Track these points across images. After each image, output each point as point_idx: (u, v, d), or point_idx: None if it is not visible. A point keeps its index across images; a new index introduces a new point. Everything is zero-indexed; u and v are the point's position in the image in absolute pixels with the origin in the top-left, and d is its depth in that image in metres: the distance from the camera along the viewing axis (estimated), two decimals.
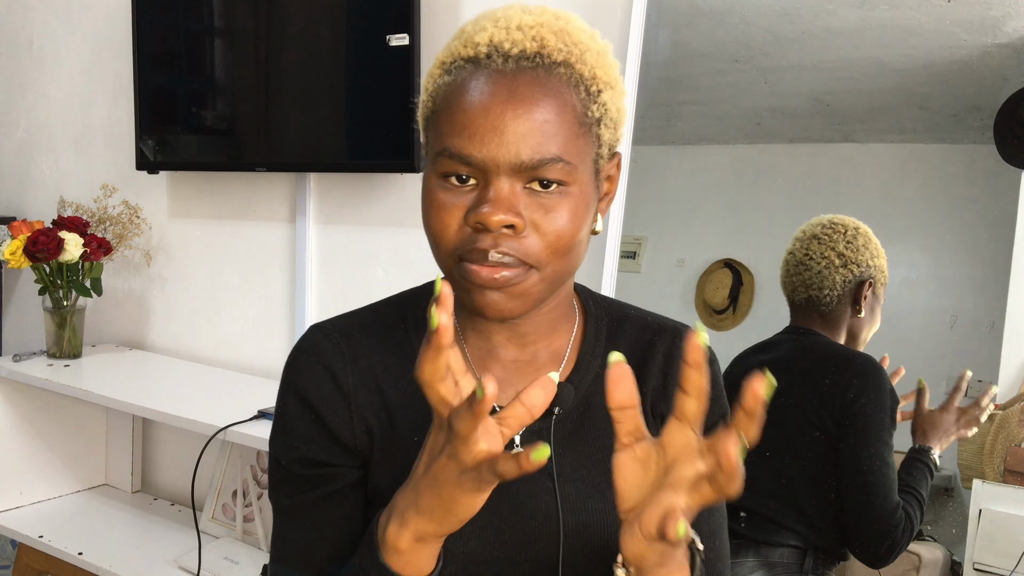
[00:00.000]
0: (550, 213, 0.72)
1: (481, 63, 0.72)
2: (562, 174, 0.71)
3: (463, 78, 0.73)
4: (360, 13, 1.82)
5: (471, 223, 0.71)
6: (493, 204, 0.70)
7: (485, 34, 0.73)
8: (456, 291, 0.74)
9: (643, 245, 1.82)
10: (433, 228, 0.74)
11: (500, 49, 0.72)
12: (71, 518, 2.17)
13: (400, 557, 0.68)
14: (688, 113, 1.83)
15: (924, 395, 1.45)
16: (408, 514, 0.67)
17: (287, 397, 0.83)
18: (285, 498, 0.83)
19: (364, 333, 0.84)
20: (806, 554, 1.44)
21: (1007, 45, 1.41)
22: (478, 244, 0.71)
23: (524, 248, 0.71)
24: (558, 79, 0.72)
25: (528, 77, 0.71)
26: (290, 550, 0.82)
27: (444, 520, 0.66)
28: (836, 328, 1.50)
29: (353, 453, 0.81)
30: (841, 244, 1.49)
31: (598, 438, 0.82)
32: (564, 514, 0.79)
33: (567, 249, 0.73)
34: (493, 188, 0.71)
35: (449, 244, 0.73)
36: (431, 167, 0.74)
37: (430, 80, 0.76)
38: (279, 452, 0.83)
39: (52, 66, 2.55)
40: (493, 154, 0.70)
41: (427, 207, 0.74)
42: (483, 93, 0.71)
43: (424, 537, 0.67)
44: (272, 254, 2.14)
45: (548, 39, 0.72)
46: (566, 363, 0.85)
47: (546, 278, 0.73)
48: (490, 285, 0.71)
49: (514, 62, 0.71)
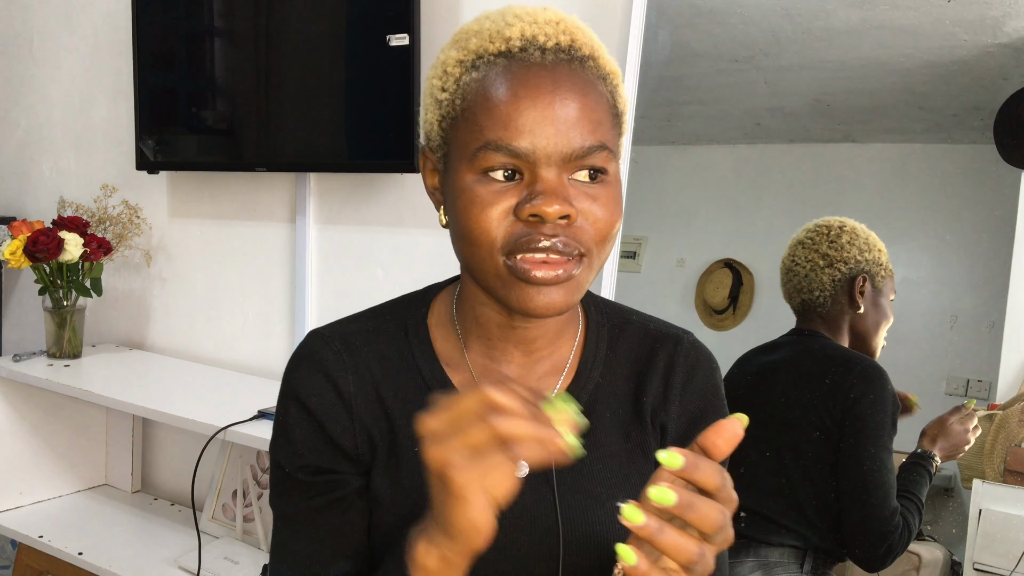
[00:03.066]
0: (596, 202, 0.72)
1: (515, 57, 0.72)
2: (605, 162, 0.72)
3: (497, 72, 0.72)
4: (360, 13, 1.82)
5: (524, 216, 0.70)
6: (549, 195, 0.69)
7: (515, 29, 0.72)
8: (498, 291, 0.73)
9: (643, 245, 1.82)
10: (477, 226, 0.71)
11: (535, 42, 0.72)
12: (71, 518, 2.17)
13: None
14: (688, 113, 1.83)
15: (960, 412, 1.44)
16: (434, 533, 0.65)
17: (288, 405, 0.82)
18: (288, 505, 0.82)
19: (364, 341, 0.83)
20: (805, 554, 1.44)
21: (1007, 45, 1.41)
22: (535, 237, 0.70)
23: (577, 238, 0.71)
24: (590, 72, 0.73)
25: (566, 69, 0.72)
26: (292, 557, 0.82)
27: (455, 536, 0.63)
28: (838, 328, 1.51)
29: (355, 461, 0.81)
30: (824, 245, 1.50)
31: (598, 448, 0.81)
32: (564, 526, 0.79)
33: (610, 238, 0.74)
34: (544, 181, 0.70)
35: (496, 241, 0.71)
36: (466, 164, 0.72)
37: (449, 79, 0.74)
38: (282, 459, 0.82)
39: (52, 66, 2.55)
40: (543, 144, 0.70)
41: (466, 206, 0.72)
42: (526, 85, 0.70)
43: (447, 558, 0.65)
44: (272, 254, 2.14)
45: (576, 34, 0.74)
46: (567, 373, 0.84)
47: (593, 268, 0.74)
48: (549, 282, 0.71)
49: (552, 54, 0.72)
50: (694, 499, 0.57)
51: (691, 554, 0.57)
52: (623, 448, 0.82)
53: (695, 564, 0.57)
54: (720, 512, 0.58)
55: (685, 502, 0.57)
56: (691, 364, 0.86)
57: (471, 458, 0.60)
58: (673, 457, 0.58)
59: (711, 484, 0.58)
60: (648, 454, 0.83)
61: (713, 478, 0.58)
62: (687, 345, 0.87)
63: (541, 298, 0.71)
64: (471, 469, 0.59)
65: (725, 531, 0.58)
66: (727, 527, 0.59)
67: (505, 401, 0.59)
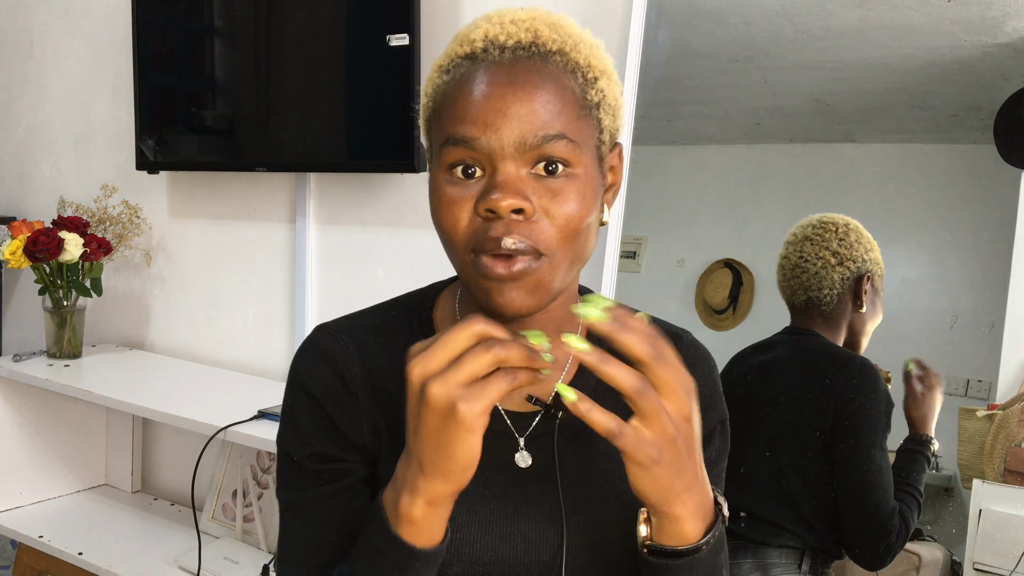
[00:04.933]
0: (558, 197, 0.72)
1: (478, 58, 0.73)
2: (566, 152, 0.72)
3: (462, 74, 0.74)
4: (360, 13, 1.82)
5: (481, 212, 0.71)
6: (501, 189, 0.70)
7: (480, 31, 0.74)
8: (473, 290, 0.74)
9: (643, 245, 1.82)
10: (444, 224, 0.73)
11: (496, 42, 0.73)
12: (71, 518, 2.17)
13: (414, 527, 0.69)
14: (688, 113, 1.83)
15: (911, 379, 1.44)
16: (417, 481, 0.67)
17: (296, 394, 0.83)
18: (297, 494, 0.83)
19: (369, 335, 0.84)
20: (803, 554, 1.45)
21: (1007, 45, 1.41)
22: (490, 233, 0.70)
23: (535, 234, 0.71)
24: (554, 66, 0.73)
25: (525, 65, 0.72)
26: (300, 547, 0.82)
27: (450, 473, 0.66)
28: (837, 326, 1.51)
29: (361, 451, 0.81)
30: (835, 243, 1.50)
31: (600, 441, 0.82)
32: (567, 516, 0.79)
33: (576, 234, 0.73)
34: (500, 174, 0.71)
35: (462, 238, 0.73)
36: (437, 163, 0.75)
37: (429, 84, 0.77)
38: (290, 448, 0.82)
39: (52, 66, 2.55)
40: (498, 136, 0.70)
41: (436, 204, 0.74)
42: (483, 82, 0.72)
43: (436, 500, 0.68)
44: (272, 254, 2.14)
45: (542, 30, 0.74)
46: (569, 367, 0.85)
47: (557, 265, 0.73)
48: (506, 278, 0.71)
49: (511, 52, 0.73)
50: (607, 356, 0.63)
51: (634, 382, 0.63)
52: None
53: (639, 393, 0.63)
54: (632, 373, 0.63)
55: (598, 357, 0.63)
56: (690, 362, 0.87)
57: (478, 388, 0.63)
58: (580, 341, 0.63)
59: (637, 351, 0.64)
60: None
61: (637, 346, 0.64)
62: (686, 343, 0.89)
63: (501, 297, 0.72)
64: (479, 399, 0.63)
65: (646, 397, 0.63)
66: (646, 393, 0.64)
67: (496, 330, 0.64)
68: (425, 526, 0.69)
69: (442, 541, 0.71)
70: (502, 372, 0.64)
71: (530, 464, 0.80)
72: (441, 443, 0.64)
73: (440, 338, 0.65)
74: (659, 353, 0.64)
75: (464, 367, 0.63)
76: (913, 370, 1.45)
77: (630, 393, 0.63)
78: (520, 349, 0.64)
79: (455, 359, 0.64)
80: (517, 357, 0.64)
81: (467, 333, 0.64)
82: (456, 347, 0.64)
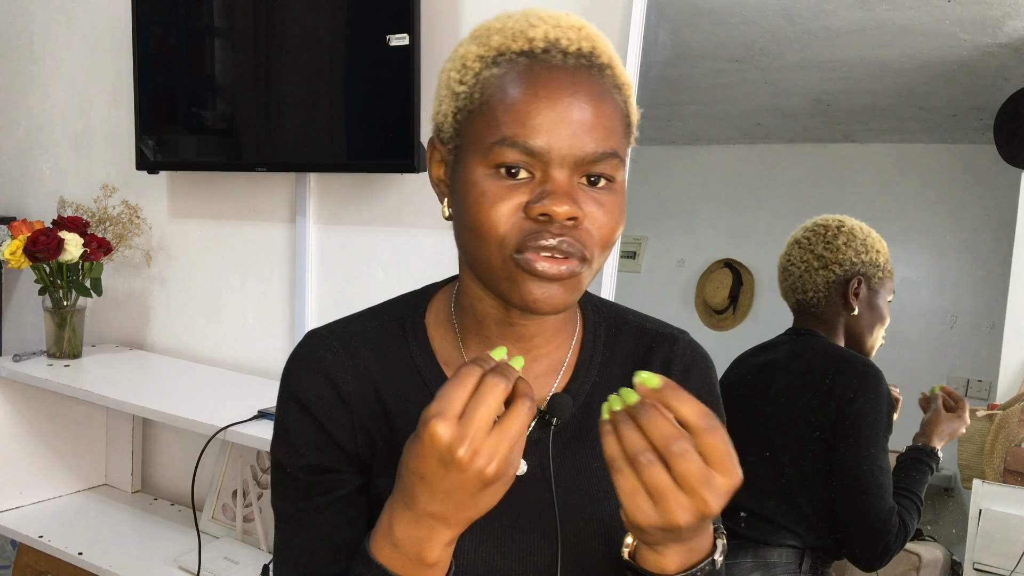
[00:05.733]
0: (602, 208, 0.73)
1: (538, 57, 0.72)
2: (614, 169, 0.73)
3: (518, 71, 0.72)
4: (360, 13, 1.82)
5: (534, 214, 0.71)
6: (560, 196, 0.70)
7: (538, 30, 0.73)
8: (499, 284, 0.74)
9: (643, 245, 1.82)
10: (482, 219, 0.72)
11: (558, 45, 0.73)
12: (71, 518, 2.17)
13: (436, 568, 0.69)
14: (688, 113, 1.83)
15: (938, 399, 1.44)
16: (436, 532, 0.67)
17: (288, 405, 0.82)
18: (290, 505, 0.83)
19: (362, 341, 0.83)
20: (804, 554, 1.45)
21: (1007, 45, 1.41)
22: (543, 235, 0.71)
23: (583, 240, 0.72)
24: (607, 79, 0.74)
25: (585, 75, 0.72)
26: (295, 557, 0.82)
27: (477, 515, 0.67)
28: (833, 328, 1.51)
29: (355, 460, 0.81)
30: (820, 246, 1.50)
31: (596, 447, 0.82)
32: (562, 523, 0.79)
33: (611, 244, 0.75)
34: (555, 181, 0.71)
35: (501, 236, 0.72)
36: (479, 158, 0.73)
37: (468, 73, 0.75)
38: (284, 459, 0.82)
39: (52, 66, 2.55)
40: (558, 145, 0.70)
41: (477, 199, 0.72)
42: (547, 86, 0.71)
43: (455, 537, 0.68)
44: (272, 254, 2.14)
45: (596, 41, 0.75)
46: (564, 373, 0.84)
47: (593, 272, 0.75)
48: (553, 277, 0.71)
49: (573, 59, 0.73)
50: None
51: (670, 435, 0.62)
52: None
53: (706, 431, 0.62)
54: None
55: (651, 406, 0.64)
56: (688, 363, 0.87)
57: (516, 448, 0.65)
58: (652, 378, 0.64)
59: (689, 414, 0.63)
60: None
61: (692, 411, 0.63)
62: (683, 344, 0.88)
63: (541, 292, 0.72)
64: (518, 457, 0.65)
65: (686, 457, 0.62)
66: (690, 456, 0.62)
67: (485, 364, 0.66)
68: (445, 562, 0.70)
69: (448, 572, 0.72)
70: (519, 414, 0.64)
71: (524, 471, 0.81)
72: (478, 501, 0.66)
73: (448, 387, 0.64)
74: (712, 424, 0.63)
75: (504, 434, 0.64)
76: (940, 393, 1.45)
77: (699, 428, 0.63)
78: (517, 375, 0.66)
79: (481, 417, 0.64)
80: (520, 383, 0.66)
81: (472, 375, 0.65)
82: (466, 389, 0.64)
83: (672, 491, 0.62)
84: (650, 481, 0.62)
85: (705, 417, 0.63)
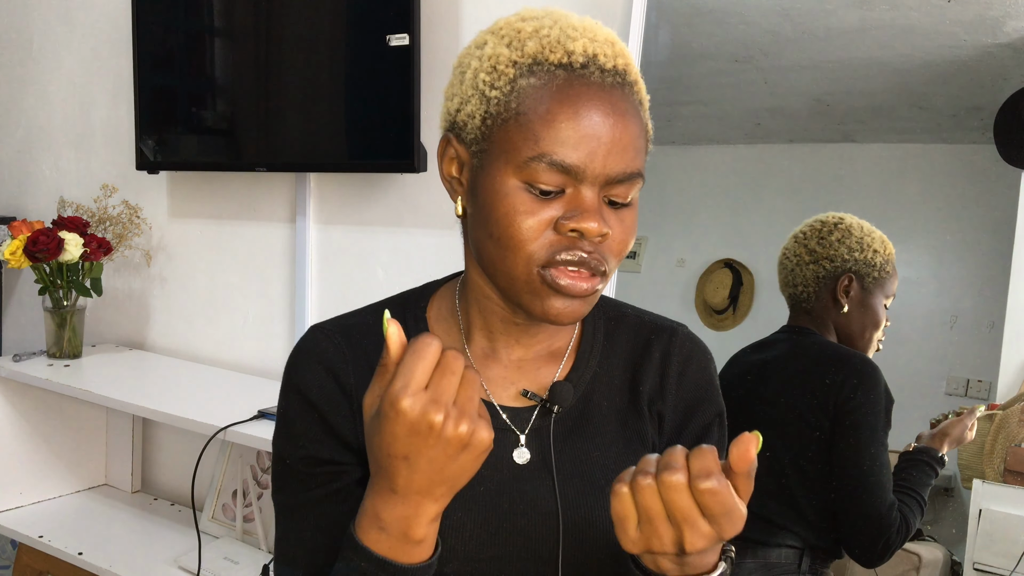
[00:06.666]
0: (622, 225, 0.75)
1: (576, 72, 0.73)
2: (636, 189, 0.75)
3: (557, 84, 0.72)
4: (360, 13, 1.82)
5: (565, 231, 0.72)
6: (591, 213, 0.72)
7: (577, 43, 0.74)
8: (520, 295, 0.75)
9: (643, 245, 1.82)
10: (518, 233, 0.73)
11: (596, 61, 0.73)
12: (71, 518, 2.17)
13: (423, 545, 0.69)
14: (688, 113, 1.83)
15: (973, 414, 1.44)
16: (423, 507, 0.67)
17: (289, 396, 0.83)
18: (290, 497, 0.83)
19: (364, 334, 0.84)
20: (804, 554, 1.45)
21: (1007, 45, 1.41)
22: (574, 252, 0.73)
23: (605, 255, 0.75)
24: (635, 97, 0.75)
25: (619, 94, 0.74)
26: (296, 549, 0.82)
27: (458, 487, 0.67)
28: (824, 325, 1.51)
29: (356, 452, 0.81)
30: (813, 241, 1.51)
31: (597, 435, 0.83)
32: (564, 511, 0.80)
33: (623, 256, 0.77)
34: (587, 199, 0.73)
35: (532, 251, 0.73)
36: (512, 168, 0.73)
37: (502, 78, 0.74)
38: (284, 451, 0.83)
39: (52, 66, 2.55)
40: (593, 165, 0.72)
41: (509, 212, 0.73)
42: (586, 105, 0.72)
43: (440, 512, 0.69)
44: (272, 254, 2.14)
45: (628, 58, 0.76)
46: (565, 362, 0.85)
47: (607, 283, 0.77)
48: (575, 293, 0.74)
49: (610, 77, 0.74)
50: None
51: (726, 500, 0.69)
52: (620, 435, 0.84)
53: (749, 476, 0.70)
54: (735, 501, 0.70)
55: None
56: (686, 355, 0.88)
57: (480, 410, 0.66)
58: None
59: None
60: (644, 441, 0.85)
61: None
62: (682, 336, 0.89)
63: (563, 306, 0.74)
64: (487, 422, 0.66)
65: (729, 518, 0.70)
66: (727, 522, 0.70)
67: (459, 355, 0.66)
68: (431, 538, 0.70)
69: (433, 555, 0.71)
70: (471, 381, 0.65)
71: (527, 460, 0.81)
72: (459, 467, 0.65)
73: (408, 363, 0.64)
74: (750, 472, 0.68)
75: (466, 394, 0.65)
76: (981, 413, 1.45)
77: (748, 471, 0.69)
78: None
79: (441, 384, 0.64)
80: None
81: (432, 350, 0.64)
82: (429, 365, 0.64)
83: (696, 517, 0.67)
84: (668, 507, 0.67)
85: None
